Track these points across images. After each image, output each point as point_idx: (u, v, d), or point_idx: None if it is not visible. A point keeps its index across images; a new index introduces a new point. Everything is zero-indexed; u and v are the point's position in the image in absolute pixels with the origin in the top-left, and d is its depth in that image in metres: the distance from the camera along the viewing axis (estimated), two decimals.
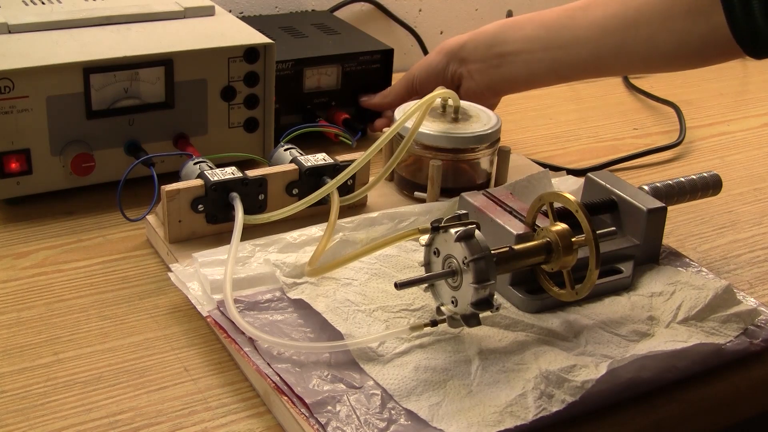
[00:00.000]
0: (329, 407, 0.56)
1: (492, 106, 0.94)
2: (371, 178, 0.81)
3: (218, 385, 0.61)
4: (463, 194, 0.73)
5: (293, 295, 0.66)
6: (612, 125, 1.11)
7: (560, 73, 0.87)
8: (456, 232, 0.59)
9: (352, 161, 0.76)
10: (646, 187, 0.75)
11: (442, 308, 0.62)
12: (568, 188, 0.82)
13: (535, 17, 0.86)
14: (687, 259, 0.74)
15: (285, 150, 0.80)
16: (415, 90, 0.94)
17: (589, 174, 0.77)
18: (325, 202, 0.75)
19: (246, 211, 0.72)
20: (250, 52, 0.84)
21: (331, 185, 0.74)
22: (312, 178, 0.77)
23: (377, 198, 0.84)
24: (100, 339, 0.64)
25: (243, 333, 0.61)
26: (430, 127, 0.81)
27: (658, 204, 0.72)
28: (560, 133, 1.08)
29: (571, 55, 0.83)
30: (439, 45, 0.93)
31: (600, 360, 0.61)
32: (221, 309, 0.63)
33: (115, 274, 0.72)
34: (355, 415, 0.56)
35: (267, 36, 0.86)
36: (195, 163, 0.76)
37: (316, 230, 0.72)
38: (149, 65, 0.80)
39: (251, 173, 0.75)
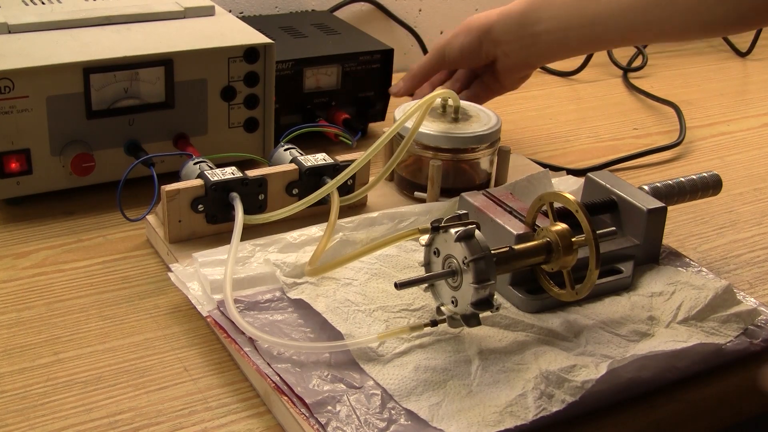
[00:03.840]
0: (329, 407, 0.56)
1: (527, 76, 0.95)
2: (371, 178, 0.81)
3: (218, 385, 0.61)
4: (463, 194, 0.73)
5: (293, 295, 0.66)
6: (612, 125, 1.11)
7: (596, 45, 0.88)
8: (456, 232, 0.59)
9: (352, 161, 0.76)
10: (646, 187, 0.75)
11: (442, 308, 0.62)
12: (568, 188, 0.82)
13: None
14: (687, 259, 0.74)
15: (285, 150, 0.80)
16: (447, 68, 0.95)
17: (589, 174, 0.77)
18: (325, 202, 0.75)
19: (246, 211, 0.72)
20: (250, 52, 0.84)
21: (331, 185, 0.74)
22: (312, 178, 0.77)
23: (377, 198, 0.84)
24: (100, 339, 0.64)
25: (243, 333, 0.61)
26: (430, 127, 0.81)
27: (658, 204, 0.72)
28: (560, 133, 1.08)
29: (607, 29, 0.84)
30: (465, 22, 0.92)
31: (600, 360, 0.61)
32: (221, 309, 0.63)
33: (115, 274, 0.72)
34: (355, 415, 0.56)
35: (267, 36, 0.86)
36: (195, 163, 0.76)
37: (316, 230, 0.72)
38: (149, 65, 0.80)
39: (251, 173, 0.75)
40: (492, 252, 0.60)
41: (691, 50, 1.41)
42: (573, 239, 0.63)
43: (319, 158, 0.78)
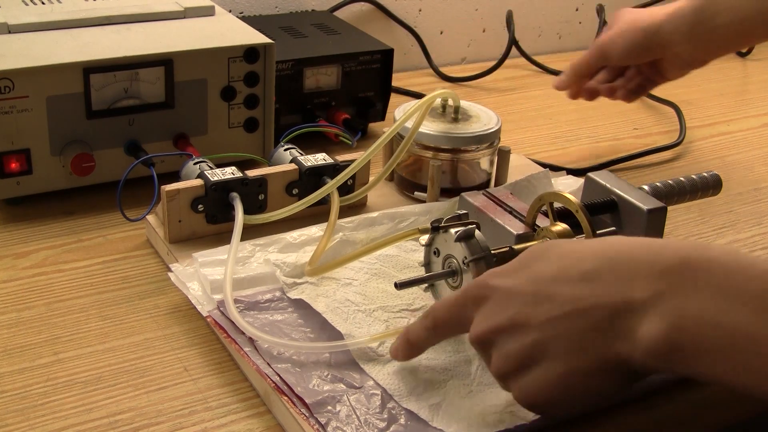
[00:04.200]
0: (329, 407, 0.56)
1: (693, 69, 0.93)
2: (371, 178, 0.81)
3: (218, 385, 0.61)
4: (463, 194, 0.73)
5: (293, 295, 0.66)
6: (612, 125, 1.11)
7: None
8: (456, 232, 0.59)
9: (352, 161, 0.76)
10: (646, 187, 0.75)
11: None
12: (568, 188, 0.82)
13: None
14: None
15: (285, 150, 0.80)
16: (607, 64, 0.92)
17: (589, 174, 0.77)
18: (325, 202, 0.75)
19: (246, 211, 0.72)
20: (250, 52, 0.84)
21: (331, 185, 0.74)
22: (312, 178, 0.77)
23: (377, 198, 0.84)
24: (100, 339, 0.64)
25: (243, 333, 0.61)
26: (430, 127, 0.81)
27: (658, 204, 0.72)
28: (560, 133, 1.08)
29: None
30: (629, 20, 0.88)
31: None
32: (221, 309, 0.63)
33: (115, 274, 0.72)
34: (355, 415, 0.56)
35: (267, 36, 0.86)
36: (195, 163, 0.76)
37: (316, 230, 0.72)
38: (149, 65, 0.80)
39: (251, 173, 0.75)
40: (492, 252, 0.60)
41: None
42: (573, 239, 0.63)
43: (319, 158, 0.78)
